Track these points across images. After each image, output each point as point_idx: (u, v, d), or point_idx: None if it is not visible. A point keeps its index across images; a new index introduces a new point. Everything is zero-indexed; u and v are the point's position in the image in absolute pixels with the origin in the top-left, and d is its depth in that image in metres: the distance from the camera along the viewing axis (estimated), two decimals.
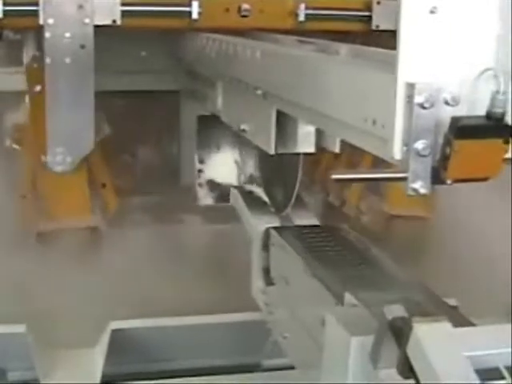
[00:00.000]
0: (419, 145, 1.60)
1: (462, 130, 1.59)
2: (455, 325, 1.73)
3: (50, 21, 3.19)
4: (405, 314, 1.73)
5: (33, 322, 3.15)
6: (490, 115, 1.59)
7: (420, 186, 1.63)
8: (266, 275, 2.90)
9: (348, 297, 2.18)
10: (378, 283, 2.36)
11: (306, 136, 2.58)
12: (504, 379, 1.62)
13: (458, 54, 1.62)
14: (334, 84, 1.98)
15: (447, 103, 1.61)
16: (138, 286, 3.68)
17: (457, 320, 1.83)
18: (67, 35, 3.21)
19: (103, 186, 4.11)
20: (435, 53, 1.61)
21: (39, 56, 3.62)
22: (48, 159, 3.35)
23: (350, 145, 2.02)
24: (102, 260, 3.88)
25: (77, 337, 3.30)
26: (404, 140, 1.62)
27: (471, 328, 1.86)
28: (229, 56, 2.90)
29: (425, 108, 1.58)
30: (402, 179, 1.65)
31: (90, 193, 4.03)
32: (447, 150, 1.60)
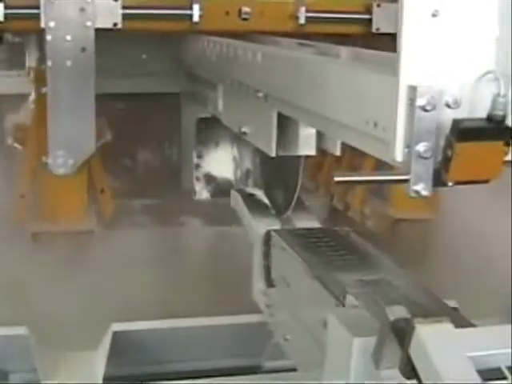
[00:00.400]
0: (421, 147, 1.61)
1: (464, 132, 1.60)
2: (456, 326, 1.74)
3: (52, 24, 3.20)
4: (407, 315, 1.74)
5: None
6: (490, 118, 1.61)
7: (422, 188, 1.65)
8: (267, 277, 2.91)
9: (349, 298, 2.19)
10: (379, 284, 2.37)
11: (306, 138, 2.58)
12: (505, 379, 1.63)
13: (459, 57, 1.63)
14: (335, 86, 1.99)
15: (448, 106, 1.63)
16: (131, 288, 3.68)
17: (458, 321, 1.84)
18: (68, 38, 3.22)
19: (101, 192, 4.12)
20: (437, 56, 1.62)
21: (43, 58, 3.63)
22: (49, 162, 3.36)
23: (351, 147, 2.03)
24: (95, 262, 3.89)
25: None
26: (405, 142, 1.63)
27: (473, 329, 1.86)
28: (229, 59, 2.91)
29: (426, 110, 1.60)
30: (404, 181, 1.66)
31: (88, 197, 4.04)
32: (448, 152, 1.61)
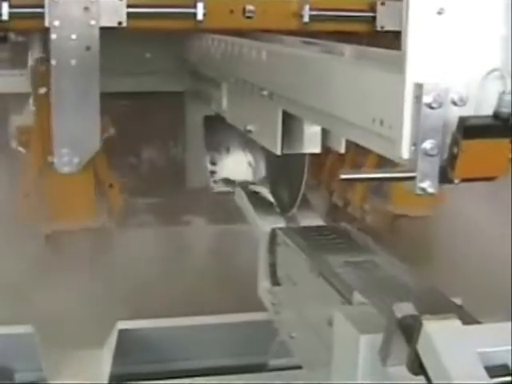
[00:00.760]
0: (427, 144, 1.62)
1: (470, 129, 1.61)
2: (463, 323, 1.75)
3: (56, 23, 3.20)
4: (414, 312, 1.74)
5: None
6: (496, 115, 1.61)
7: (428, 185, 1.65)
8: (273, 275, 2.91)
9: (356, 295, 2.19)
10: (384, 282, 2.37)
11: (312, 136, 2.58)
12: None
13: (465, 55, 1.64)
14: (340, 84, 1.99)
15: (455, 103, 1.63)
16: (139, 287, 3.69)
17: (464, 318, 1.84)
18: (73, 37, 3.21)
19: (110, 186, 4.11)
20: (443, 53, 1.62)
21: (44, 58, 3.63)
22: (55, 160, 3.36)
23: (354, 145, 2.03)
24: (105, 261, 3.89)
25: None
26: (412, 140, 1.64)
27: (480, 325, 1.87)
28: (234, 57, 2.90)
29: (432, 108, 1.60)
30: (410, 179, 1.66)
31: (96, 194, 4.03)
32: (455, 150, 1.62)
